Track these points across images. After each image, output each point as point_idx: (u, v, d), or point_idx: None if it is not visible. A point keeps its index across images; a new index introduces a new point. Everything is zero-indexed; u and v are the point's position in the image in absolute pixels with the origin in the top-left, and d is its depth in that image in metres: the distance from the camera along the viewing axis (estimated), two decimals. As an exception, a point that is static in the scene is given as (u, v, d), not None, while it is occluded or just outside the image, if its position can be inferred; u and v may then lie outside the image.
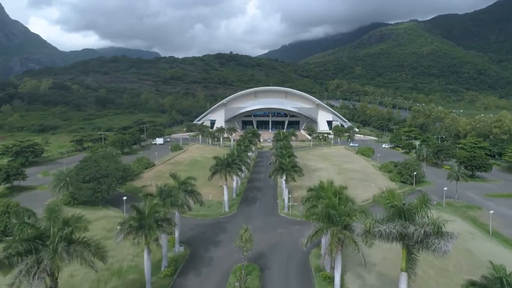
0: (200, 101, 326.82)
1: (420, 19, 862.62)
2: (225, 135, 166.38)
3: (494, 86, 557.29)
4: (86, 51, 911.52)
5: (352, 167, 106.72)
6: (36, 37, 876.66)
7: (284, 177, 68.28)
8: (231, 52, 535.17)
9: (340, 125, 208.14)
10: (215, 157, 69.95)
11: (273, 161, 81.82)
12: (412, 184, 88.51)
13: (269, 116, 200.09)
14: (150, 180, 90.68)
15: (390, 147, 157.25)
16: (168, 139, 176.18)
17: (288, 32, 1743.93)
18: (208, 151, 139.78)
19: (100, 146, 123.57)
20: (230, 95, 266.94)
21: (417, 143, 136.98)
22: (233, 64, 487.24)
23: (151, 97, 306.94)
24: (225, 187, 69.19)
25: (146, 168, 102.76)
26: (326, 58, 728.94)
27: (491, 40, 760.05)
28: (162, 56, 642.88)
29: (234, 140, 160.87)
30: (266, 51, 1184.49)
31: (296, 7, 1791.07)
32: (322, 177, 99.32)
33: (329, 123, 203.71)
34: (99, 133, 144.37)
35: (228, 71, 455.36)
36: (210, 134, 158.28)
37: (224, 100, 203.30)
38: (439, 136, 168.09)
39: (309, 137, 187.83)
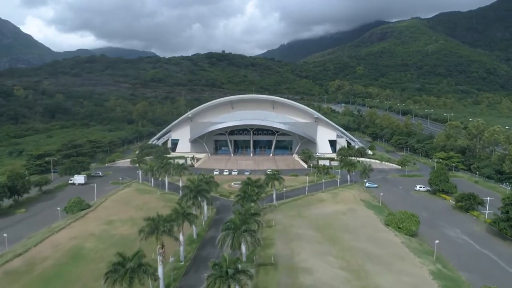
0: (180, 107, 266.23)
1: (422, 17, 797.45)
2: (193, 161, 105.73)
3: (505, 86, 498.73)
4: (80, 51, 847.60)
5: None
6: (28, 37, 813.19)
7: None
8: (223, 51, 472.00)
9: (347, 144, 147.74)
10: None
11: None
12: None
13: (250, 134, 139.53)
14: None
15: (429, 192, 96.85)
16: (99, 173, 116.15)
17: (288, 31, 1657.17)
18: (133, 209, 79.59)
19: None
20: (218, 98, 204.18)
21: (487, 199, 76.02)
22: (224, 64, 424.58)
23: (119, 103, 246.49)
24: None
25: None
26: (325, 57, 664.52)
27: (497, 38, 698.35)
28: (160, 57, 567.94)
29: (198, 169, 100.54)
30: (265, 51, 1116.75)
31: (295, 6, 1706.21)
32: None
33: (332, 142, 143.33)
34: None
35: (218, 72, 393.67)
36: (151, 170, 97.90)
37: (189, 113, 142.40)
38: (496, 169, 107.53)
39: (305, 165, 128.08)
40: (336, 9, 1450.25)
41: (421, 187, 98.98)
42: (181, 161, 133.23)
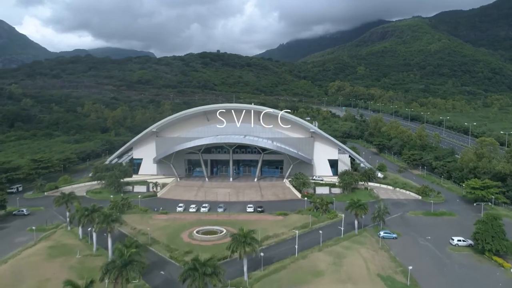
0: (165, 111, 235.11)
1: (423, 15, 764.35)
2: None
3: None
4: (77, 51, 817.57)
5: None
6: (23, 37, 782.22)
7: None
8: (218, 51, 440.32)
9: (350, 166, 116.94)
10: None
11: None
12: None
13: (230, 152, 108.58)
14: None
15: (472, 248, 65.84)
16: (24, 211, 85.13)
17: (287, 30, 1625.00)
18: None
19: None
20: (210, 103, 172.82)
21: None
22: (218, 64, 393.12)
23: (94, 108, 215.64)
24: None
25: None
26: (325, 57, 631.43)
27: (500, 37, 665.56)
28: (158, 57, 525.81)
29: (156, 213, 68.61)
30: (264, 51, 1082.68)
31: (295, 5, 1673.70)
32: None
33: (333, 163, 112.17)
34: None
35: (211, 73, 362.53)
36: (77, 214, 66.97)
37: (154, 127, 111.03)
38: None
39: (298, 195, 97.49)
40: (336, 8, 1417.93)
41: (459, 240, 67.78)
42: (141, 188, 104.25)
